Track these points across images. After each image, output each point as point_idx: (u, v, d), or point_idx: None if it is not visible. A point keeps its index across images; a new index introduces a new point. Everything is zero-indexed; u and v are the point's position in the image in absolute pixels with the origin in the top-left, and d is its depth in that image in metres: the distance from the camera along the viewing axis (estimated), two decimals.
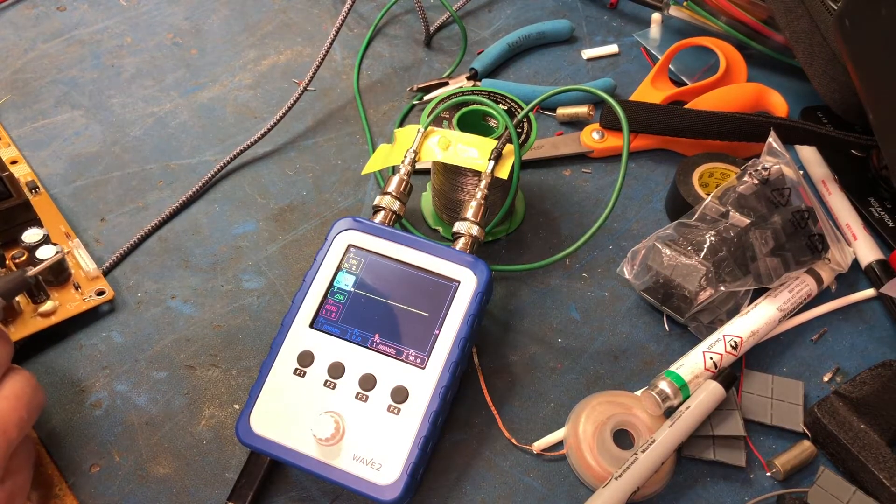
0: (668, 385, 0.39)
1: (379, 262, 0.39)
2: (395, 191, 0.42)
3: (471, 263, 0.38)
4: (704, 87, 0.56)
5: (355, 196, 0.51)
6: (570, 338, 0.44)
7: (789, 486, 0.39)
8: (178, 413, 0.41)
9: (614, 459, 0.38)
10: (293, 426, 0.36)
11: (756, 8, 0.58)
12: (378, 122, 0.56)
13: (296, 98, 0.54)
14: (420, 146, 0.43)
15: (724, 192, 0.44)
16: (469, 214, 0.41)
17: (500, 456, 0.40)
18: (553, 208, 0.51)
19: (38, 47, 0.60)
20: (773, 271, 0.42)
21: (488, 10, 0.66)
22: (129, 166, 0.52)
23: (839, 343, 0.45)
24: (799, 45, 0.53)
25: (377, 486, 0.34)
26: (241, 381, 0.42)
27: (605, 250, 0.49)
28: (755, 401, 0.41)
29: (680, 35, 0.62)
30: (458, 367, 0.37)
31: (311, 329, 0.38)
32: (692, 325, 0.44)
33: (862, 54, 0.44)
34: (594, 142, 0.53)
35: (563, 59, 0.62)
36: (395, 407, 0.36)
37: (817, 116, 0.56)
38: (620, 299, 0.46)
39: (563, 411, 0.41)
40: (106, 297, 0.44)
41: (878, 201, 0.50)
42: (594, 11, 0.66)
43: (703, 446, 0.39)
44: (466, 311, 0.37)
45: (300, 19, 0.64)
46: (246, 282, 0.47)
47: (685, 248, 0.43)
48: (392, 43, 0.63)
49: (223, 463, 0.39)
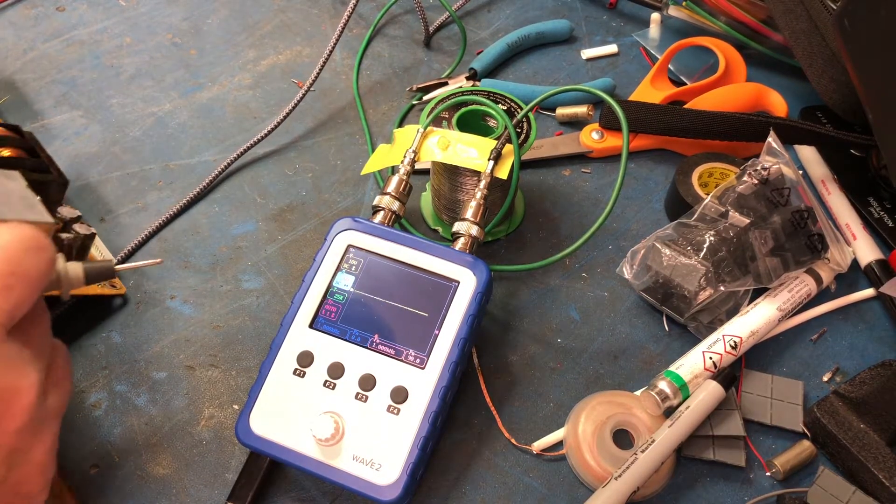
0: (667, 385, 0.39)
1: (378, 263, 0.39)
2: (394, 191, 0.42)
3: (470, 263, 0.38)
4: (704, 87, 0.56)
5: (355, 196, 0.51)
6: (570, 338, 0.44)
7: (789, 485, 0.39)
8: (177, 413, 0.41)
9: (614, 459, 0.38)
10: (293, 426, 0.36)
11: (755, 8, 0.58)
12: (377, 122, 0.56)
13: (299, 98, 0.54)
14: (419, 146, 0.43)
15: (724, 191, 0.44)
16: (469, 214, 0.41)
17: (499, 456, 0.40)
18: (553, 208, 0.51)
19: (38, 47, 0.60)
20: (773, 271, 0.42)
21: (487, 11, 0.66)
22: (129, 166, 0.52)
23: (839, 343, 0.45)
24: (798, 44, 0.53)
25: (377, 486, 0.34)
26: (241, 382, 0.42)
27: (604, 250, 0.49)
28: (755, 401, 0.41)
29: (679, 35, 0.62)
30: (457, 368, 0.37)
31: (311, 329, 0.38)
32: (692, 325, 0.44)
33: (861, 54, 0.44)
34: (594, 142, 0.53)
35: (562, 59, 0.62)
36: (395, 407, 0.36)
37: (817, 116, 0.56)
38: (620, 299, 0.46)
39: (563, 411, 0.41)
40: (118, 290, 0.44)
41: (877, 201, 0.50)
42: (593, 11, 0.66)
43: (702, 446, 0.39)
44: (466, 312, 0.37)
45: (299, 19, 0.64)
46: (245, 282, 0.47)
47: (685, 248, 0.43)
48: (391, 43, 0.63)
49: (223, 463, 0.39)
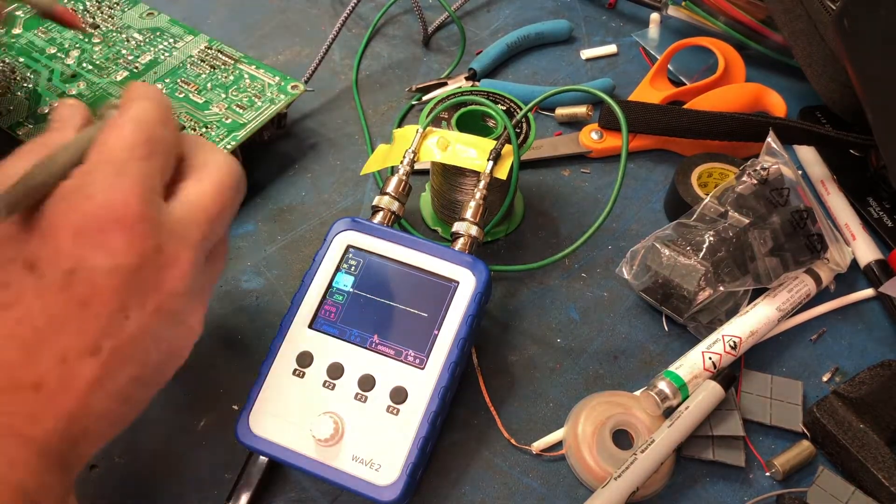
0: (667, 385, 0.39)
1: (378, 263, 0.39)
2: (393, 191, 0.42)
3: (470, 264, 0.38)
4: (703, 87, 0.56)
5: (354, 196, 0.51)
6: (570, 338, 0.44)
7: (788, 485, 0.39)
8: (177, 413, 0.41)
9: (614, 460, 0.38)
10: (292, 427, 0.36)
11: (755, 8, 0.59)
12: (377, 122, 0.56)
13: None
14: (419, 146, 0.43)
15: (723, 192, 0.44)
16: (468, 215, 0.41)
17: (499, 456, 0.40)
18: (552, 208, 0.51)
19: None
20: (772, 271, 0.42)
21: (487, 11, 0.66)
22: None
23: (838, 343, 0.45)
24: (797, 45, 0.53)
25: (376, 486, 0.34)
26: (241, 382, 0.42)
27: (604, 250, 0.49)
28: (754, 401, 0.41)
29: (679, 35, 0.62)
30: (457, 368, 0.37)
31: (310, 330, 0.38)
32: (691, 325, 0.44)
33: (860, 54, 0.44)
34: (593, 142, 0.53)
35: (561, 59, 0.62)
36: (395, 407, 0.36)
37: (816, 116, 0.56)
38: (619, 299, 0.46)
39: (563, 411, 0.41)
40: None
41: (876, 201, 0.50)
42: (593, 12, 0.66)
43: (702, 446, 0.39)
44: (465, 312, 0.37)
45: (299, 20, 0.64)
46: (245, 282, 0.46)
47: (684, 248, 0.43)
48: (391, 43, 0.63)
49: (222, 463, 0.39)
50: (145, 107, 0.31)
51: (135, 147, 0.30)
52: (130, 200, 0.28)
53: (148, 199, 0.29)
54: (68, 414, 0.28)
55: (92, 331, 0.28)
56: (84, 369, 0.28)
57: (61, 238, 0.28)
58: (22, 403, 0.27)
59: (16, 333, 0.27)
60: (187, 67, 0.52)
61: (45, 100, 0.49)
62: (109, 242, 0.28)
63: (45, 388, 0.27)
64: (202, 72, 0.52)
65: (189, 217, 0.30)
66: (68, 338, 0.28)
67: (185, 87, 0.51)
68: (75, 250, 0.28)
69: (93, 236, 0.28)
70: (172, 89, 0.51)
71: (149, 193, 0.29)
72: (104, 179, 0.28)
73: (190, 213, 0.31)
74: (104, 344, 0.28)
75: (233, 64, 0.52)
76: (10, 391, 0.27)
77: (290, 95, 0.50)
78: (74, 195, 0.28)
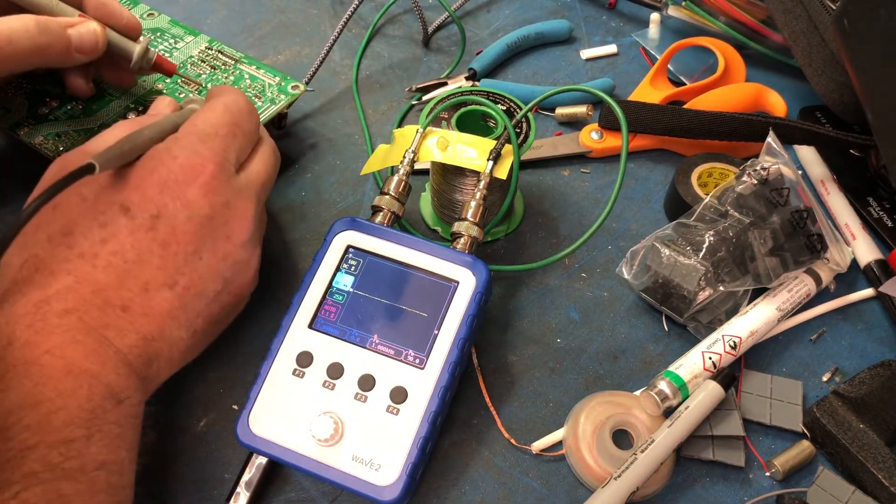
0: (667, 385, 0.39)
1: (378, 263, 0.39)
2: (393, 191, 0.42)
3: (470, 264, 0.38)
4: (703, 87, 0.56)
5: (354, 196, 0.51)
6: (570, 338, 0.44)
7: (788, 485, 0.39)
8: (177, 413, 0.41)
9: (613, 459, 0.38)
10: (292, 427, 0.36)
11: (755, 8, 0.59)
12: (377, 122, 0.56)
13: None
14: (419, 146, 0.43)
15: (723, 192, 0.44)
16: (468, 215, 0.41)
17: (499, 456, 0.40)
18: (552, 208, 0.51)
19: None
20: (772, 271, 0.42)
21: (487, 11, 0.66)
22: None
23: (838, 343, 0.45)
24: (797, 45, 0.53)
25: (376, 486, 0.34)
26: (240, 382, 0.42)
27: (603, 250, 0.49)
28: (754, 401, 0.41)
29: (679, 35, 0.62)
30: (457, 368, 0.37)
31: (310, 330, 0.38)
32: (691, 325, 0.44)
33: (860, 54, 0.44)
34: (593, 142, 0.53)
35: (561, 59, 0.62)
36: (395, 407, 0.36)
37: (816, 116, 0.56)
38: (619, 299, 0.46)
39: (563, 411, 0.41)
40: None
41: (876, 201, 0.50)
42: (593, 11, 0.66)
43: (702, 446, 0.39)
44: (465, 312, 0.37)
45: (298, 20, 0.64)
46: None
47: (684, 248, 0.43)
48: (391, 43, 0.63)
49: (222, 463, 0.39)
50: (236, 99, 0.39)
51: (220, 126, 0.37)
52: (207, 164, 0.35)
53: (221, 165, 0.36)
54: (147, 334, 0.33)
55: (170, 267, 0.34)
56: (161, 299, 0.34)
57: (149, 187, 0.34)
58: (114, 319, 0.32)
59: (111, 263, 0.33)
60: (188, 68, 0.52)
61: (45, 99, 0.49)
62: (188, 195, 0.34)
63: (131, 310, 0.33)
64: (203, 72, 0.52)
65: (251, 184, 0.38)
66: (151, 271, 0.33)
67: (186, 87, 0.51)
68: (160, 198, 0.34)
69: (175, 188, 0.34)
70: (173, 90, 0.51)
71: (223, 162, 0.36)
72: (189, 146, 0.36)
73: (251, 182, 0.38)
74: (179, 280, 0.34)
75: (233, 64, 0.52)
76: (105, 308, 0.32)
77: (291, 95, 0.50)
78: (163, 155, 0.35)
